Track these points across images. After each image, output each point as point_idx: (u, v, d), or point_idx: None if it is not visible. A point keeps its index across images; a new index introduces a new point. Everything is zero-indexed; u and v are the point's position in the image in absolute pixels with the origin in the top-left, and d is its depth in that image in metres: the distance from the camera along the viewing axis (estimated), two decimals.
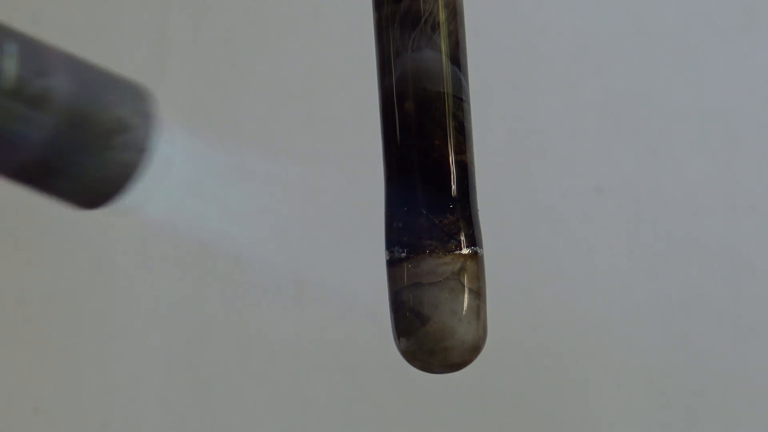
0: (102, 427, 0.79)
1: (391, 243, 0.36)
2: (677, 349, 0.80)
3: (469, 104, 0.36)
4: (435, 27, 0.36)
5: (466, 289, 0.35)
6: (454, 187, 0.36)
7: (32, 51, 0.31)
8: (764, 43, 0.81)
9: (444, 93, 0.36)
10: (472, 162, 0.36)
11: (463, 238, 0.36)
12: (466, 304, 0.35)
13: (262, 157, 0.81)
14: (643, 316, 0.80)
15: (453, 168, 0.36)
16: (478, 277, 0.36)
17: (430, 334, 0.35)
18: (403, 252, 0.36)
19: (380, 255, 0.37)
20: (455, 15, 0.36)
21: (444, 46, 0.36)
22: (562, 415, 0.80)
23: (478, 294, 0.35)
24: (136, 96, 0.33)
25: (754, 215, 0.80)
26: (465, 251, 0.36)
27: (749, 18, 0.81)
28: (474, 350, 0.36)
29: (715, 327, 0.80)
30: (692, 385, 0.80)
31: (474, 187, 0.36)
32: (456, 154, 0.36)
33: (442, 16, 0.36)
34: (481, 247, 0.36)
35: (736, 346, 0.80)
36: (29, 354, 0.80)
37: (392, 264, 0.36)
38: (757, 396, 0.80)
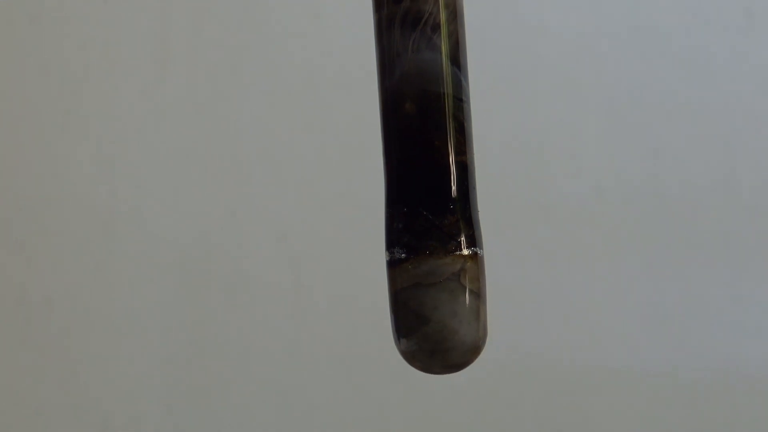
0: (102, 427, 0.79)
1: (391, 243, 0.36)
2: (677, 349, 0.80)
3: (469, 105, 0.37)
4: (435, 28, 0.36)
5: (466, 289, 0.35)
6: (454, 187, 0.36)
7: None
8: (765, 43, 0.81)
9: (444, 94, 0.36)
10: (472, 162, 0.36)
11: (463, 238, 0.36)
12: (466, 305, 0.35)
13: (262, 156, 0.81)
14: (643, 317, 0.80)
15: (453, 169, 0.36)
16: (479, 278, 0.36)
17: (430, 335, 0.35)
18: (404, 253, 0.36)
19: (380, 255, 0.37)
20: (456, 16, 0.36)
21: (444, 47, 0.36)
22: (562, 415, 0.80)
23: (479, 295, 0.35)
24: None
25: (754, 215, 0.80)
26: (465, 252, 0.36)
27: (750, 18, 0.81)
28: (474, 351, 0.36)
29: (715, 327, 0.80)
30: (692, 385, 0.80)
31: (474, 187, 0.36)
32: (456, 154, 0.36)
33: (442, 16, 0.36)
34: (481, 247, 0.36)
35: (736, 346, 0.80)
36: (29, 354, 0.80)
37: (392, 264, 0.36)
38: (757, 396, 0.80)
